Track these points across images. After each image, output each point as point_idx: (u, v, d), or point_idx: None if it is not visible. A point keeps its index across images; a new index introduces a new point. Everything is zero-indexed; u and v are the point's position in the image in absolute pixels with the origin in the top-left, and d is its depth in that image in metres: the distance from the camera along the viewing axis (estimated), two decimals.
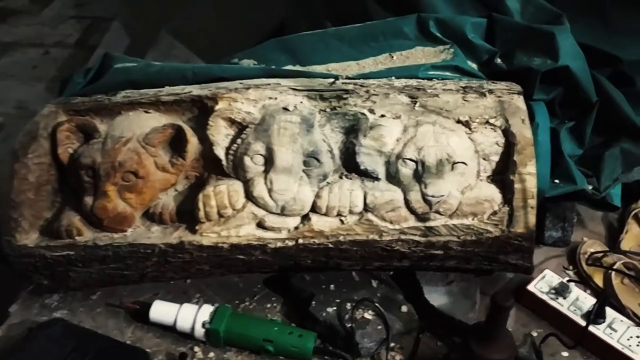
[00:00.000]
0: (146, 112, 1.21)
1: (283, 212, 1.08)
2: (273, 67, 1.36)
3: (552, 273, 1.32)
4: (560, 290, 1.26)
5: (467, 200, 1.09)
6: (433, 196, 1.07)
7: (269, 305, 1.30)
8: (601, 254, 1.38)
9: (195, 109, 1.21)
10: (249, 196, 1.13)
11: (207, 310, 1.20)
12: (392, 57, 1.34)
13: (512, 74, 1.23)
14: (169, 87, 1.26)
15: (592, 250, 1.40)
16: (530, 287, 1.28)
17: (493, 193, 1.10)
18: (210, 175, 1.19)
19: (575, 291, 1.27)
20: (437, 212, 1.14)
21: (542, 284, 1.29)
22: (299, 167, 1.08)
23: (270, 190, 1.13)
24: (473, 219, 1.15)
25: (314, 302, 1.23)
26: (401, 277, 1.30)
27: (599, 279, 1.34)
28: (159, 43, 1.99)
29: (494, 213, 1.15)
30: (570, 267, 1.40)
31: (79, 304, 1.29)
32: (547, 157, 1.24)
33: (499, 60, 1.27)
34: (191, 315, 1.19)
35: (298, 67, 1.36)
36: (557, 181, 1.26)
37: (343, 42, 1.36)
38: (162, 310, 1.22)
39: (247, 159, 1.14)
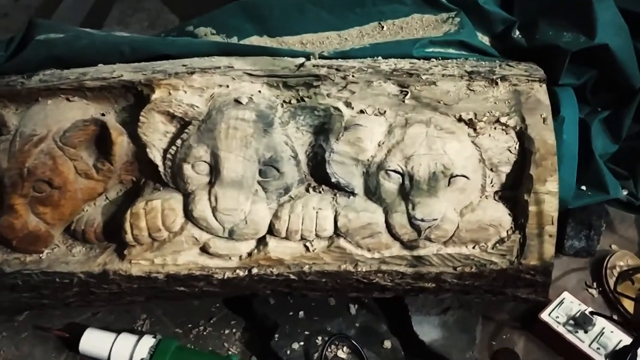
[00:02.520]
0: (69, 100, 0.96)
1: (232, 236, 0.88)
2: (234, 39, 1.08)
3: (572, 298, 1.09)
4: (581, 322, 1.04)
5: (467, 224, 0.90)
6: (423, 220, 0.88)
7: (227, 331, 1.09)
8: (632, 270, 1.16)
9: (131, 95, 0.96)
10: (189, 216, 0.88)
11: (147, 343, 0.99)
12: (382, 27, 1.07)
13: (534, 52, 1.02)
14: (102, 66, 1.00)
15: (622, 263, 1.19)
16: (544, 315, 1.06)
17: (501, 215, 0.91)
18: (147, 181, 0.95)
19: (600, 323, 1.04)
20: (428, 238, 0.89)
21: (558, 312, 1.06)
22: (253, 179, 0.89)
23: (214, 210, 0.89)
24: (474, 248, 0.92)
25: (277, 335, 1.02)
26: (387, 302, 1.06)
27: (629, 304, 1.10)
28: None
29: (501, 241, 0.92)
30: (594, 285, 1.18)
31: (1, 327, 1.07)
32: (573, 160, 1.00)
33: (517, 34, 1.06)
34: (127, 350, 0.99)
35: (266, 39, 1.10)
36: (584, 188, 1.07)
37: (322, 7, 1.10)
38: (94, 341, 1.03)
39: (187, 167, 0.89)
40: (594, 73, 1.05)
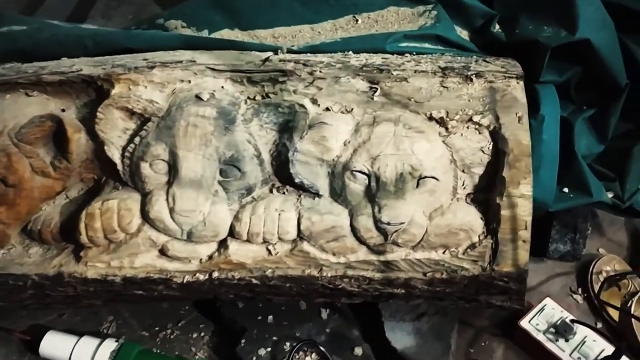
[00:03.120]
0: (28, 95, 0.92)
1: (191, 238, 0.84)
2: (205, 32, 1.05)
3: (554, 304, 1.04)
4: (562, 330, 0.99)
5: (436, 228, 0.86)
6: (389, 223, 0.84)
7: (195, 335, 1.05)
8: (619, 276, 1.11)
9: (92, 91, 0.91)
10: (146, 217, 0.84)
11: (108, 347, 0.96)
12: (357, 20, 1.03)
13: (514, 47, 0.98)
14: (64, 60, 0.96)
15: (609, 268, 1.15)
16: (524, 322, 1.02)
17: (472, 219, 0.87)
18: (107, 180, 0.91)
19: (582, 331, 0.99)
20: (395, 243, 0.85)
21: (539, 319, 1.02)
22: (213, 179, 0.86)
23: (172, 210, 0.85)
24: (444, 253, 0.88)
25: (243, 340, 0.98)
26: (360, 307, 1.01)
27: (615, 311, 1.06)
28: None
29: (472, 246, 0.87)
30: (579, 291, 1.14)
31: None
32: (554, 161, 0.95)
33: (497, 28, 1.02)
34: (88, 355, 0.96)
35: (237, 32, 1.06)
36: (566, 190, 1.00)
37: None
38: (55, 345, 0.99)
39: (144, 166, 0.86)
40: (577, 70, 1.00)
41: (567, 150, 0.99)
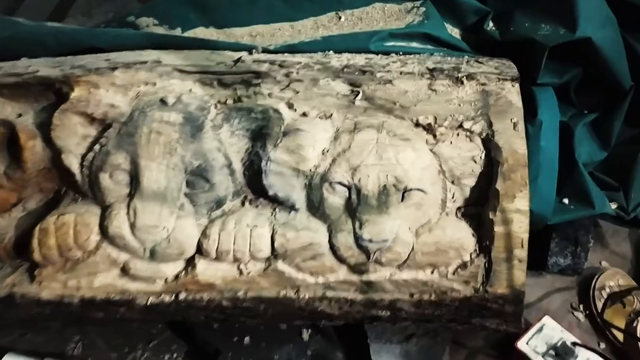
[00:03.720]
0: None
1: (154, 257, 0.78)
2: (178, 30, 0.98)
3: (553, 323, 0.97)
4: (562, 353, 0.92)
5: (423, 246, 0.80)
6: (371, 240, 0.77)
7: (167, 357, 0.98)
8: (624, 292, 1.04)
9: (52, 94, 0.84)
10: (105, 233, 0.77)
11: None
12: (340, 17, 0.96)
13: (509, 46, 0.93)
14: (24, 60, 0.88)
15: (612, 284, 1.07)
16: (521, 343, 0.95)
17: (463, 236, 0.81)
18: (67, 191, 0.84)
19: (584, 354, 0.92)
20: (379, 262, 0.77)
21: (537, 340, 0.95)
22: (178, 191, 0.80)
23: (133, 226, 0.77)
24: (432, 273, 0.81)
25: None
26: (344, 327, 0.94)
27: (619, 332, 0.98)
28: None
29: (464, 266, 0.80)
30: (581, 307, 1.06)
31: None
32: (553, 170, 0.89)
33: (490, 25, 0.96)
34: None
35: (212, 31, 0.99)
36: (566, 201, 0.96)
37: None
38: None
39: (104, 177, 0.78)
40: (578, 71, 0.96)
41: (567, 158, 0.94)
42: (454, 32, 0.96)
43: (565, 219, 0.95)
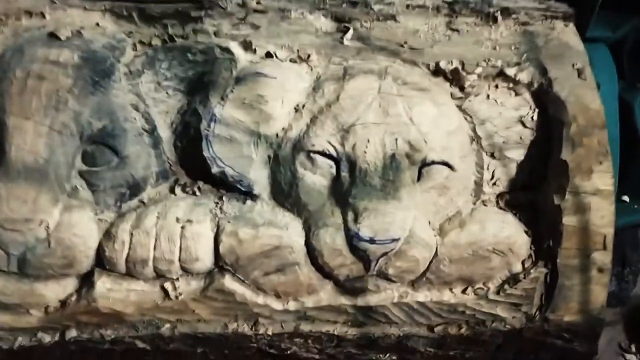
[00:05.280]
0: None
1: (24, 270, 0.57)
2: None
3: None
4: None
5: (452, 249, 0.58)
6: (372, 240, 0.55)
7: None
8: None
9: None
10: None
11: None
12: None
13: None
14: None
15: None
16: None
17: (511, 235, 0.59)
18: None
19: None
20: (384, 275, 0.56)
21: None
22: (68, 168, 0.59)
23: None
24: (464, 292, 0.59)
25: None
26: None
27: None
28: None
29: (513, 280, 0.58)
30: (633, 348, 0.91)
31: None
32: (613, 152, 0.67)
33: None
34: None
35: None
36: (626, 198, 0.79)
37: None
38: None
39: None
40: (635, 25, 0.82)
41: (628, 138, 0.78)
42: None
43: (625, 223, 0.77)
